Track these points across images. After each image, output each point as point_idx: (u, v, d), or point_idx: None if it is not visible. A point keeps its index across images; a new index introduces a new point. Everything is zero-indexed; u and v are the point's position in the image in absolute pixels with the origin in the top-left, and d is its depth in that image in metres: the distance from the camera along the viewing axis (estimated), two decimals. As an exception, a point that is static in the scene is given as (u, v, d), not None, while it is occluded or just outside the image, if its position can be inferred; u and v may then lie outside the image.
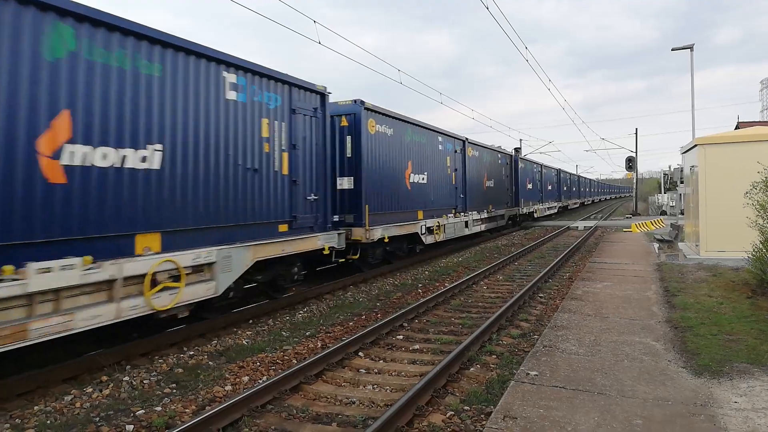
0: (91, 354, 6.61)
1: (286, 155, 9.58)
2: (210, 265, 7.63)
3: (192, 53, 7.60)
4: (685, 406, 4.58)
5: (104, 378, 6.20)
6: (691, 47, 22.68)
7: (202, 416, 4.76)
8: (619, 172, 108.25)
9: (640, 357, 5.95)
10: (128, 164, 6.65)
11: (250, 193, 8.69)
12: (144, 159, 6.86)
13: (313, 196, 10.36)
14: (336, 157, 11.87)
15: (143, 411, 5.34)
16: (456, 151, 19.23)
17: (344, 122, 12.25)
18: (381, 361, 6.92)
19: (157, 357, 7.01)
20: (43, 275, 5.32)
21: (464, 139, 20.19)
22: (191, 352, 7.24)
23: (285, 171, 9.53)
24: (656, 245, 17.95)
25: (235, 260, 8.06)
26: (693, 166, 14.54)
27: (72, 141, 5.98)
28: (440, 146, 17.68)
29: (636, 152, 44.50)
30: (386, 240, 13.36)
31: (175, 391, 5.91)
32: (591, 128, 59.05)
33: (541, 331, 7.54)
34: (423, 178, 16.05)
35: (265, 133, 9.06)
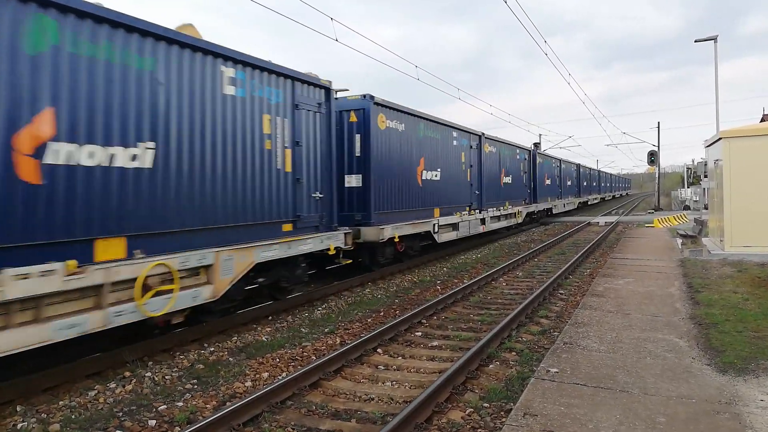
0: (114, 350, 6.70)
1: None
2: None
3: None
4: (709, 404, 4.50)
5: (127, 374, 6.29)
6: (714, 39, 22.21)
7: (223, 412, 4.80)
8: (641, 167, 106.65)
9: (663, 354, 5.86)
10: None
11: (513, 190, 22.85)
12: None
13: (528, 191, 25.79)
14: (533, 176, 27.09)
15: (165, 406, 5.40)
16: (558, 166, 34.91)
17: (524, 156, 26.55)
18: (400, 358, 6.92)
19: (178, 353, 7.10)
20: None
21: (560, 159, 36.23)
22: (212, 349, 7.32)
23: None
24: (679, 241, 17.66)
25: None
26: (717, 160, 14.25)
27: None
28: (553, 164, 33.62)
29: (658, 146, 43.78)
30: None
31: (196, 386, 5.98)
32: (612, 122, 58.61)
33: (562, 328, 7.46)
34: (549, 181, 31.47)
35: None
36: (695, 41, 22.92)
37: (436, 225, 15.01)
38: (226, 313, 8.36)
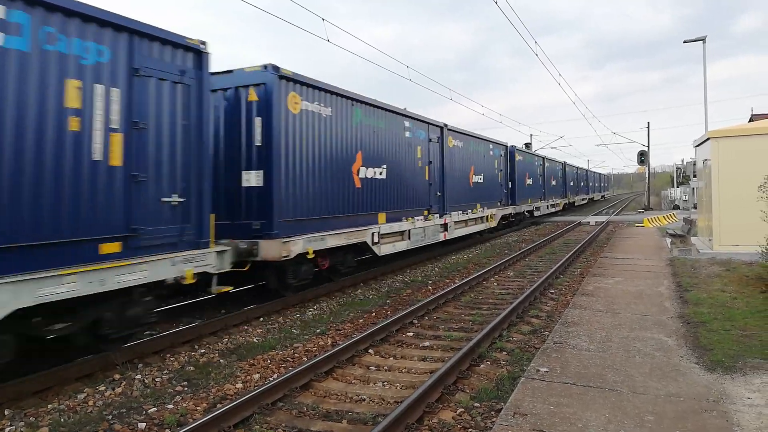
0: (103, 353, 6.66)
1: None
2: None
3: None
4: (697, 402, 4.55)
5: (117, 376, 6.26)
6: (703, 39, 22.39)
7: (213, 414, 4.79)
8: (631, 167, 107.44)
9: (651, 353, 5.91)
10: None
11: (556, 189, 38.04)
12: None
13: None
14: (564, 179, 40.72)
15: (155, 409, 5.38)
16: (576, 171, 46.26)
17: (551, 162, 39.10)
18: (391, 358, 6.93)
19: (169, 355, 7.07)
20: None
21: (577, 166, 47.25)
22: (203, 350, 7.29)
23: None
24: (669, 240, 17.81)
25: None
26: (706, 160, 14.39)
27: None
28: (574, 170, 44.49)
29: (648, 146, 44.11)
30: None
31: (186, 389, 5.96)
32: (602, 122, 59.32)
33: (552, 328, 7.50)
34: (572, 183, 43.51)
35: None
36: (684, 41, 23.08)
37: (536, 206, 29.32)
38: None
